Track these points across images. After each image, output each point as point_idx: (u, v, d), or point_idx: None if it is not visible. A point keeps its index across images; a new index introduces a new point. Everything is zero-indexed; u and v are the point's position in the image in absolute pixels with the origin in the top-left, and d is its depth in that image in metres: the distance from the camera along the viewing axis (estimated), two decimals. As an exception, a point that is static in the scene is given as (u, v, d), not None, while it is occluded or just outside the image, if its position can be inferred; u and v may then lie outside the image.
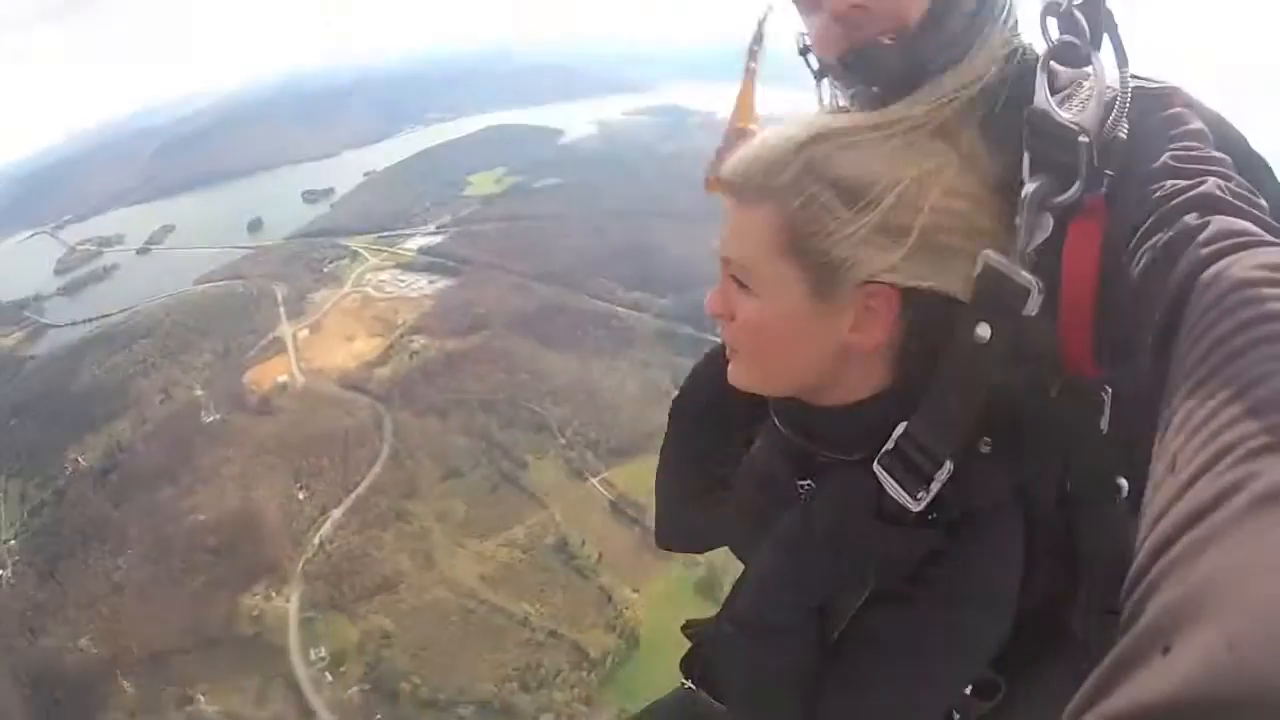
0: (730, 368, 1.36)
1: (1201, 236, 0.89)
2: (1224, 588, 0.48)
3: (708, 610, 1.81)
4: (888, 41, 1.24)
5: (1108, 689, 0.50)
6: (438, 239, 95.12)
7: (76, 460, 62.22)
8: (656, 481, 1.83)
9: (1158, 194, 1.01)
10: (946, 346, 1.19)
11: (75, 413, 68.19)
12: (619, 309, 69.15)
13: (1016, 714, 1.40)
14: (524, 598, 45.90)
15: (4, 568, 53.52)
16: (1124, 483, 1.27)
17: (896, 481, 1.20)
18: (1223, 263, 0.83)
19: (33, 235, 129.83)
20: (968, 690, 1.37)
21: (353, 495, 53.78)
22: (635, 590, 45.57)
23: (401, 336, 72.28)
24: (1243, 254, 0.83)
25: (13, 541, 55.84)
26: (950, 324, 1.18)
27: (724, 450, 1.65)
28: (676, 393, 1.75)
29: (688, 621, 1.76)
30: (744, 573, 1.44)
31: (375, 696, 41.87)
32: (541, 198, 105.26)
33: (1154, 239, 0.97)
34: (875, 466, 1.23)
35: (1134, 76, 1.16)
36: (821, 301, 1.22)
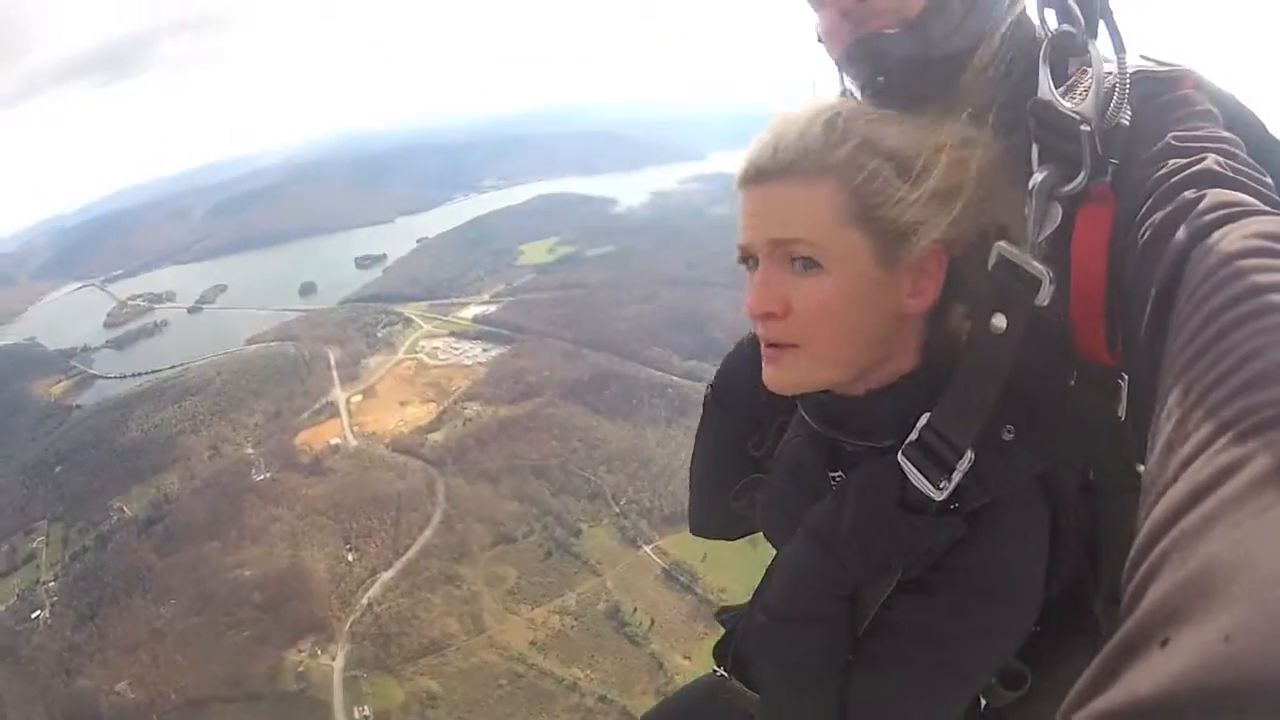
0: (775, 372, 1.34)
1: (1197, 209, 0.89)
2: (1222, 575, 0.46)
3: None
4: (890, 31, 1.28)
5: (1105, 682, 0.49)
6: (491, 308, 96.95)
7: (121, 509, 63.04)
8: (691, 468, 1.86)
9: (1159, 173, 1.02)
10: (968, 334, 1.25)
11: (121, 463, 69.35)
12: (674, 377, 70.12)
13: (1043, 702, 1.41)
14: (574, 663, 45.78)
15: (43, 608, 53.86)
16: (1144, 469, 1.23)
17: (920, 471, 1.22)
18: (1216, 234, 0.82)
19: (81, 287, 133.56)
20: (994, 679, 1.39)
21: (403, 558, 54.16)
22: (687, 657, 45.23)
23: (455, 403, 73.49)
24: (1236, 224, 0.82)
25: (52, 583, 56.38)
26: (976, 304, 1.24)
27: (759, 437, 1.67)
28: (710, 380, 1.78)
29: (721, 608, 1.78)
30: (773, 560, 1.47)
31: (420, 758, 41.43)
32: (594, 266, 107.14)
33: (1153, 217, 0.98)
34: (900, 457, 1.25)
35: (1145, 58, 1.22)
36: (887, 270, 1.25)
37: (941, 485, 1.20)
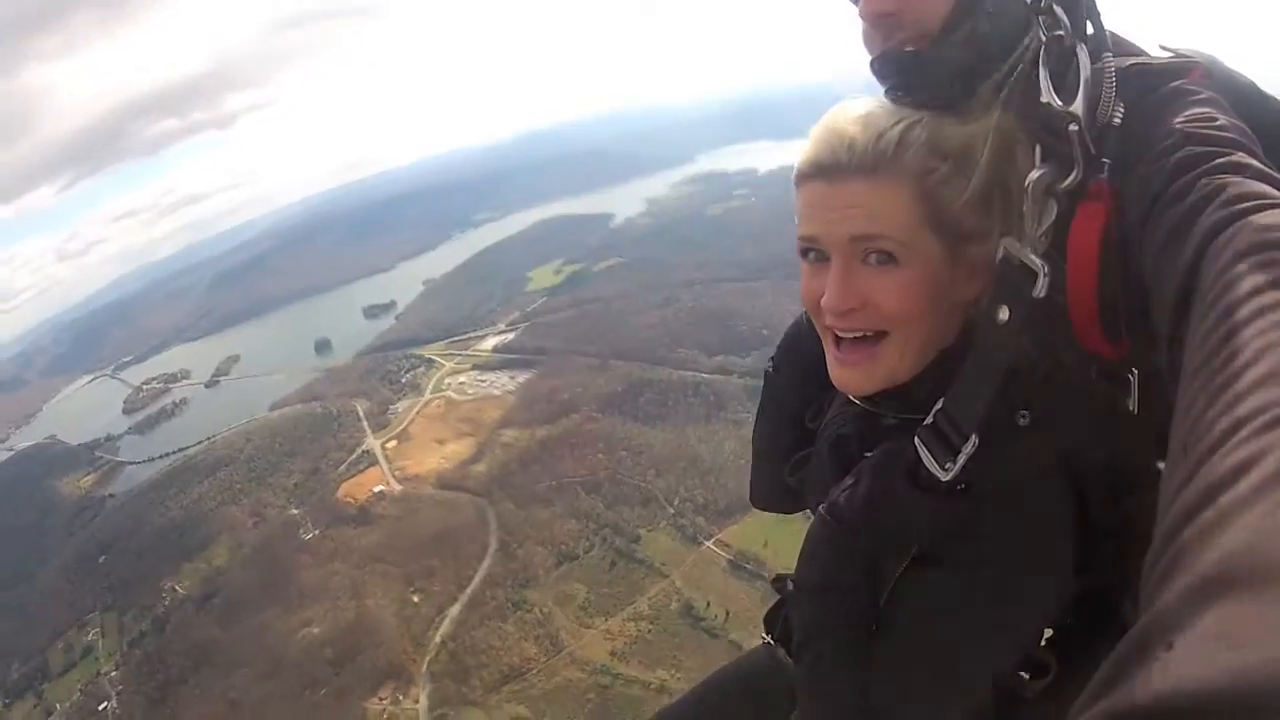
0: (858, 374, 1.39)
1: (1215, 202, 0.89)
2: (1230, 576, 0.46)
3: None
4: (908, 49, 1.34)
5: (1113, 684, 0.49)
6: (509, 335, 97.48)
7: (174, 589, 63.03)
8: (753, 444, 1.95)
9: (1172, 163, 1.03)
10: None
11: (166, 544, 69.22)
12: (704, 375, 70.51)
13: (1068, 695, 1.40)
14: (658, 666, 45.99)
15: (109, 699, 53.65)
16: (1163, 467, 1.26)
17: (930, 453, 1.28)
18: (1232, 229, 0.82)
19: (94, 379, 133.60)
20: (1019, 670, 1.42)
21: (468, 590, 54.34)
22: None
23: (492, 432, 73.58)
24: (1252, 218, 0.82)
25: (114, 673, 56.19)
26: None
27: (815, 409, 1.74)
28: (771, 356, 1.87)
29: (776, 575, 1.80)
30: (807, 531, 1.51)
31: (522, 784, 41.31)
32: (603, 280, 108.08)
33: (1171, 209, 0.98)
34: (916, 438, 1.31)
35: (1164, 48, 1.28)
36: (953, 265, 1.32)
37: (947, 467, 1.24)
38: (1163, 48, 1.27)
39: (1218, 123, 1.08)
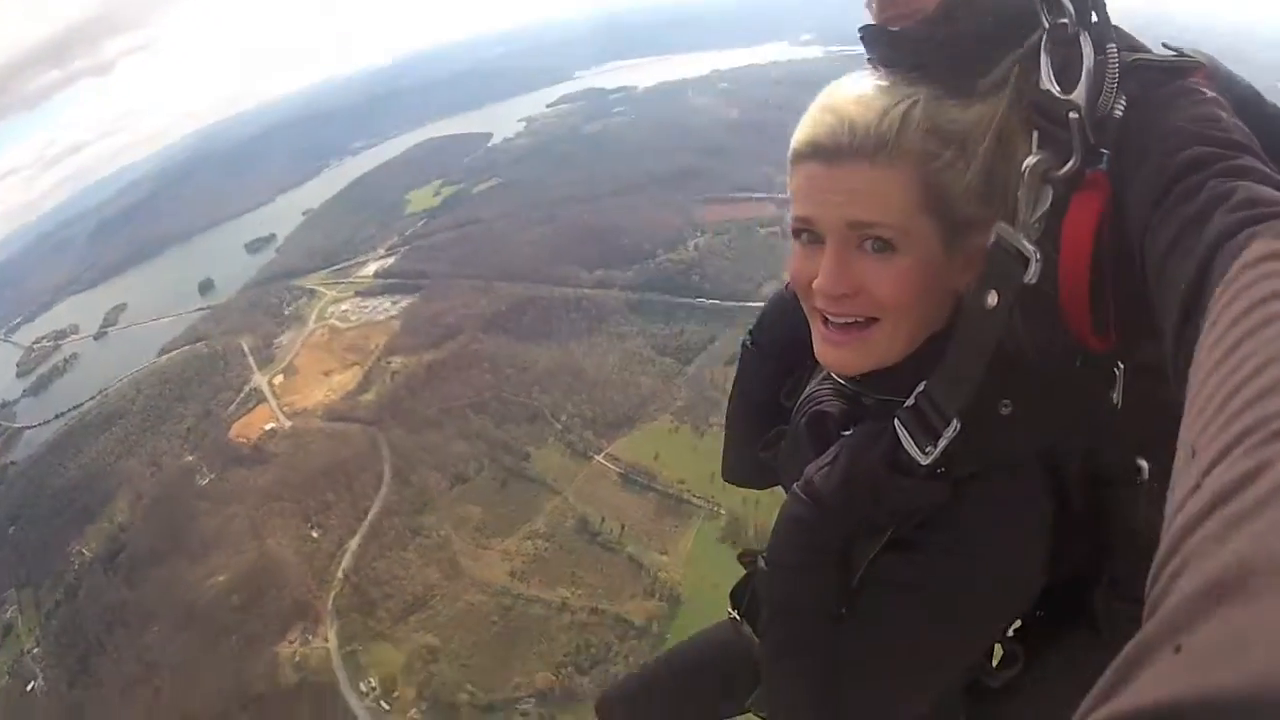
0: (848, 354, 1.37)
1: (1227, 204, 0.89)
2: (1237, 582, 0.45)
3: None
4: (893, 28, 1.32)
5: (1119, 686, 0.49)
6: (391, 260, 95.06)
7: (81, 552, 61.23)
8: (726, 417, 1.94)
9: (1183, 161, 1.01)
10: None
11: (69, 507, 67.11)
12: (585, 290, 69.97)
13: (1035, 685, 1.46)
14: (558, 584, 46.47)
15: (35, 678, 52.69)
16: (1144, 464, 1.29)
17: (910, 436, 1.27)
18: (1246, 233, 0.81)
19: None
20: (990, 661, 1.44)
21: (365, 522, 53.87)
22: (663, 553, 46.20)
23: (378, 360, 72.27)
24: (1265, 223, 0.82)
25: (36, 649, 55.03)
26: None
27: (791, 385, 1.72)
28: (747, 332, 1.83)
29: (743, 550, 1.77)
30: (781, 508, 1.48)
31: (435, 713, 42.15)
32: (483, 201, 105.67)
33: (1182, 208, 0.97)
34: (896, 420, 1.30)
35: (1166, 46, 1.23)
36: (949, 253, 1.30)
37: (928, 450, 1.23)
38: (1165, 46, 1.24)
39: (1223, 124, 1.07)
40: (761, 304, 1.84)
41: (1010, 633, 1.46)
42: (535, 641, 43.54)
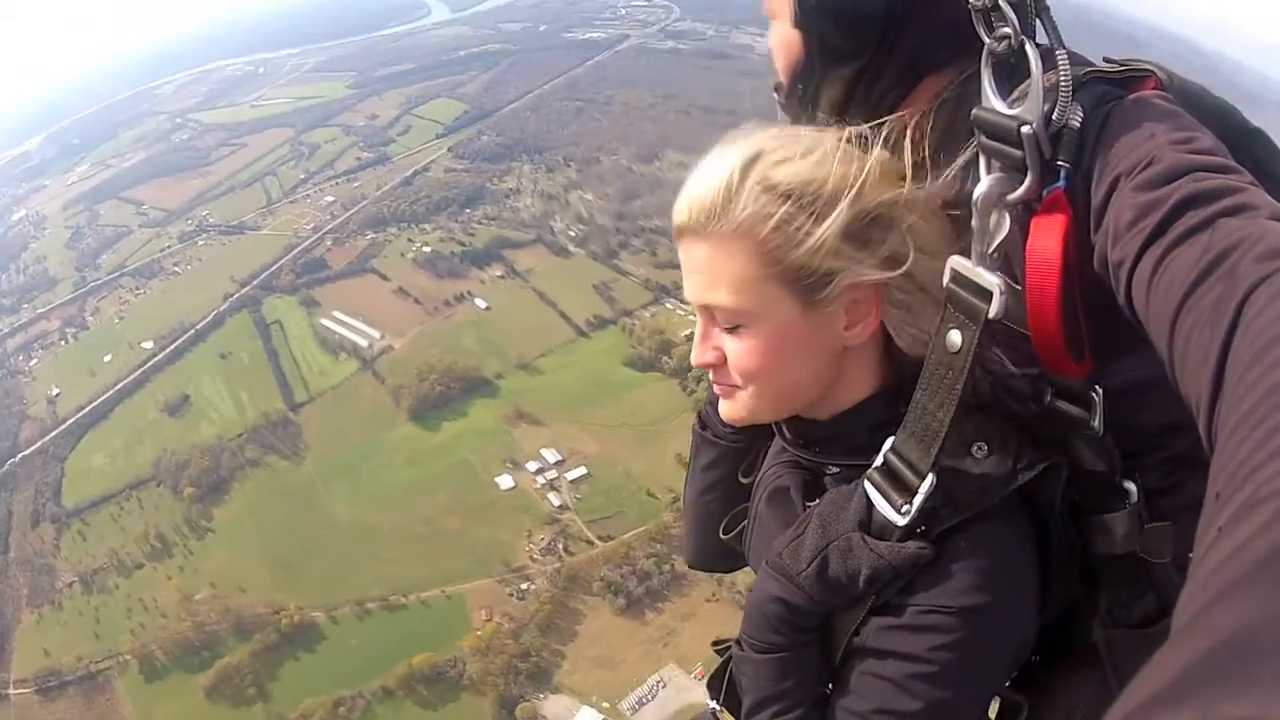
0: (727, 407, 1.37)
1: (1250, 254, 0.83)
2: (1253, 642, 0.43)
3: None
4: (773, 92, 1.38)
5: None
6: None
7: None
8: (684, 501, 1.84)
9: (1181, 199, 0.96)
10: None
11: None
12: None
13: None
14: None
15: None
16: (1132, 487, 1.24)
17: (883, 496, 1.19)
18: (1271, 285, 0.78)
19: None
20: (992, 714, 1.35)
21: None
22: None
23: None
24: None
25: None
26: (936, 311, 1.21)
27: (749, 463, 1.65)
28: (696, 414, 1.76)
29: (717, 639, 1.69)
30: (753, 589, 1.39)
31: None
32: None
33: (1186, 251, 0.91)
34: (865, 481, 1.22)
35: (1107, 60, 1.19)
36: (814, 312, 1.23)
37: (904, 509, 1.16)
38: (1107, 60, 1.20)
39: (1201, 143, 1.03)
40: None
41: (1007, 683, 1.39)
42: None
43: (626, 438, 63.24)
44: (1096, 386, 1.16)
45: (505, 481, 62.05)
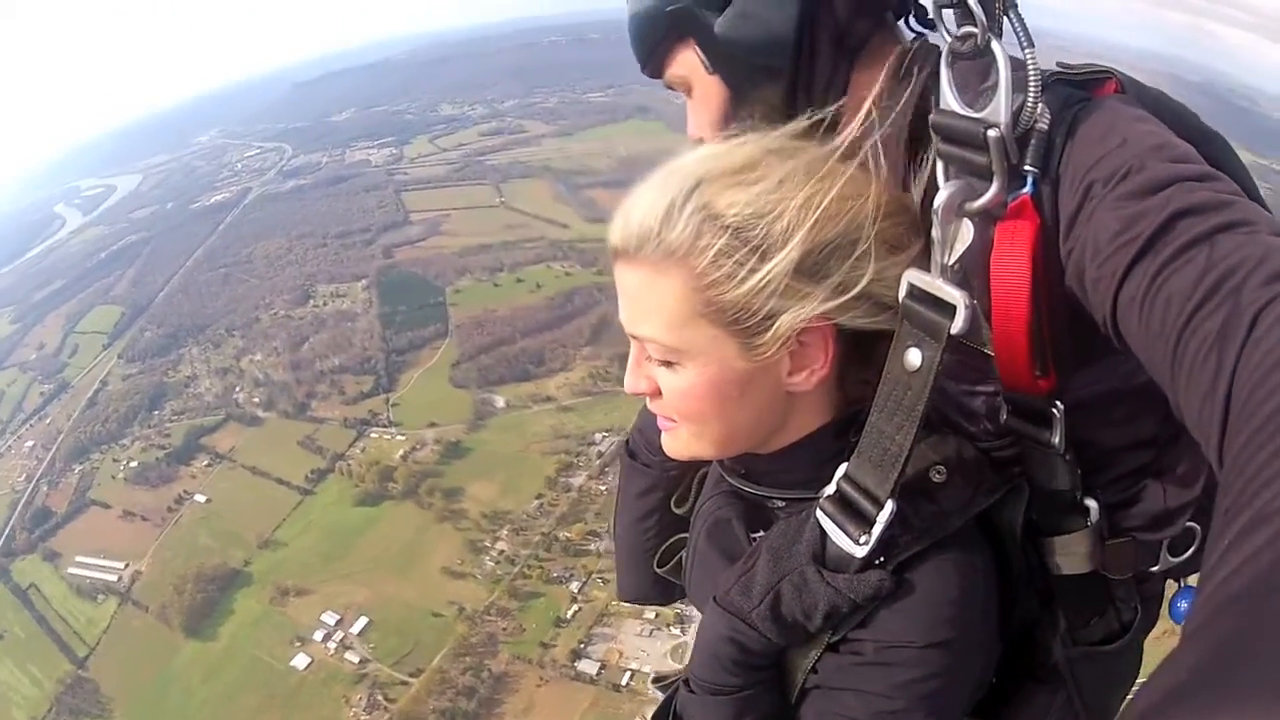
0: (669, 440, 1.27)
1: (1256, 276, 0.80)
2: (1240, 655, 0.46)
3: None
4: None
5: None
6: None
7: None
8: (615, 532, 1.74)
9: (1171, 214, 0.90)
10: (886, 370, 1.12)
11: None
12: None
13: None
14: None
15: None
16: (1094, 504, 1.19)
17: (838, 526, 1.10)
18: (1268, 317, 0.76)
19: None
20: None
21: None
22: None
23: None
24: None
25: None
26: (889, 336, 1.12)
27: (682, 492, 1.58)
28: (623, 442, 1.67)
29: (657, 675, 1.67)
30: (699, 627, 1.30)
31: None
32: None
33: (1185, 270, 0.86)
34: (818, 512, 1.14)
35: (1061, 65, 1.13)
36: (754, 355, 1.12)
37: (862, 540, 1.08)
38: (1060, 64, 1.15)
39: (1181, 151, 0.98)
40: None
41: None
42: None
43: (388, 572, 63.76)
44: (1057, 402, 1.10)
45: (300, 660, 60.39)
